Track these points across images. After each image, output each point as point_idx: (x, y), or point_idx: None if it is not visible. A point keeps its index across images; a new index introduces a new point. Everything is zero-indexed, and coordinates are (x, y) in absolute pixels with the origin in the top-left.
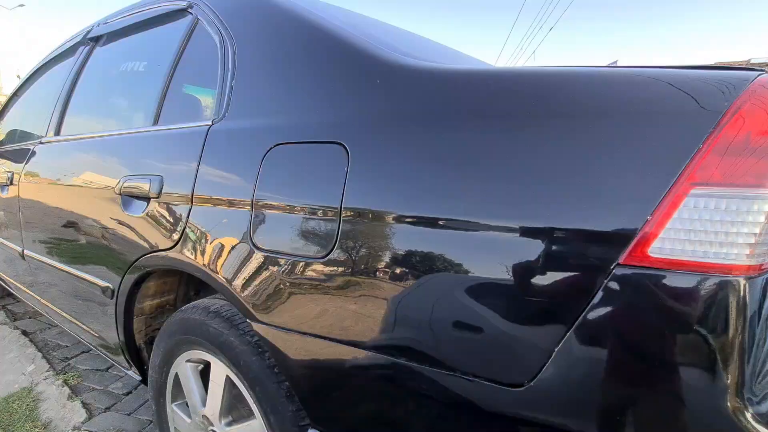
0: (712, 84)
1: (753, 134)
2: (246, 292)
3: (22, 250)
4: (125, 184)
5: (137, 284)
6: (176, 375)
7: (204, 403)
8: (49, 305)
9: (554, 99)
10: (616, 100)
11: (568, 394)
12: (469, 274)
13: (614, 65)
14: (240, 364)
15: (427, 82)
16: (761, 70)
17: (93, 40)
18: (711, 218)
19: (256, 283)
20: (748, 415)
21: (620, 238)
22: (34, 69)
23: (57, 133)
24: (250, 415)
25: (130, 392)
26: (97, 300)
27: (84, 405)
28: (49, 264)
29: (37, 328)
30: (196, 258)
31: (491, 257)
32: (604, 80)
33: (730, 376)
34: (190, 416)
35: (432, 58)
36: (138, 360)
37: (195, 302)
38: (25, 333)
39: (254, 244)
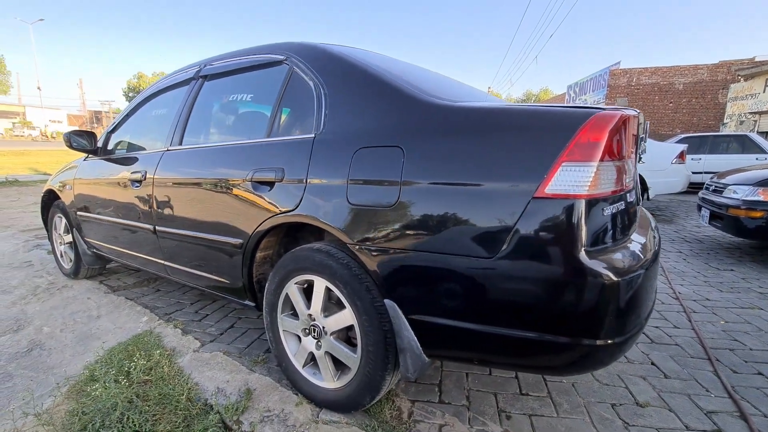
0: (576, 115)
1: (590, 140)
2: (344, 228)
3: (154, 227)
4: (254, 175)
5: (258, 241)
6: (286, 295)
7: (308, 307)
8: (173, 265)
9: (512, 122)
10: (536, 122)
11: (514, 263)
12: (465, 208)
13: (616, 66)
14: (336, 275)
15: (441, 112)
16: (602, 108)
17: (203, 77)
18: (574, 175)
19: (351, 222)
20: (583, 251)
21: (534, 185)
22: (144, 96)
23: (180, 143)
24: (341, 308)
25: (223, 333)
26: (227, 254)
27: (195, 338)
28: (181, 234)
29: (135, 296)
30: (311, 213)
31: (476, 200)
32: (533, 112)
33: (570, 240)
34: (297, 318)
35: (448, 94)
36: (251, 294)
37: (301, 246)
38: (128, 298)
39: (349, 201)
